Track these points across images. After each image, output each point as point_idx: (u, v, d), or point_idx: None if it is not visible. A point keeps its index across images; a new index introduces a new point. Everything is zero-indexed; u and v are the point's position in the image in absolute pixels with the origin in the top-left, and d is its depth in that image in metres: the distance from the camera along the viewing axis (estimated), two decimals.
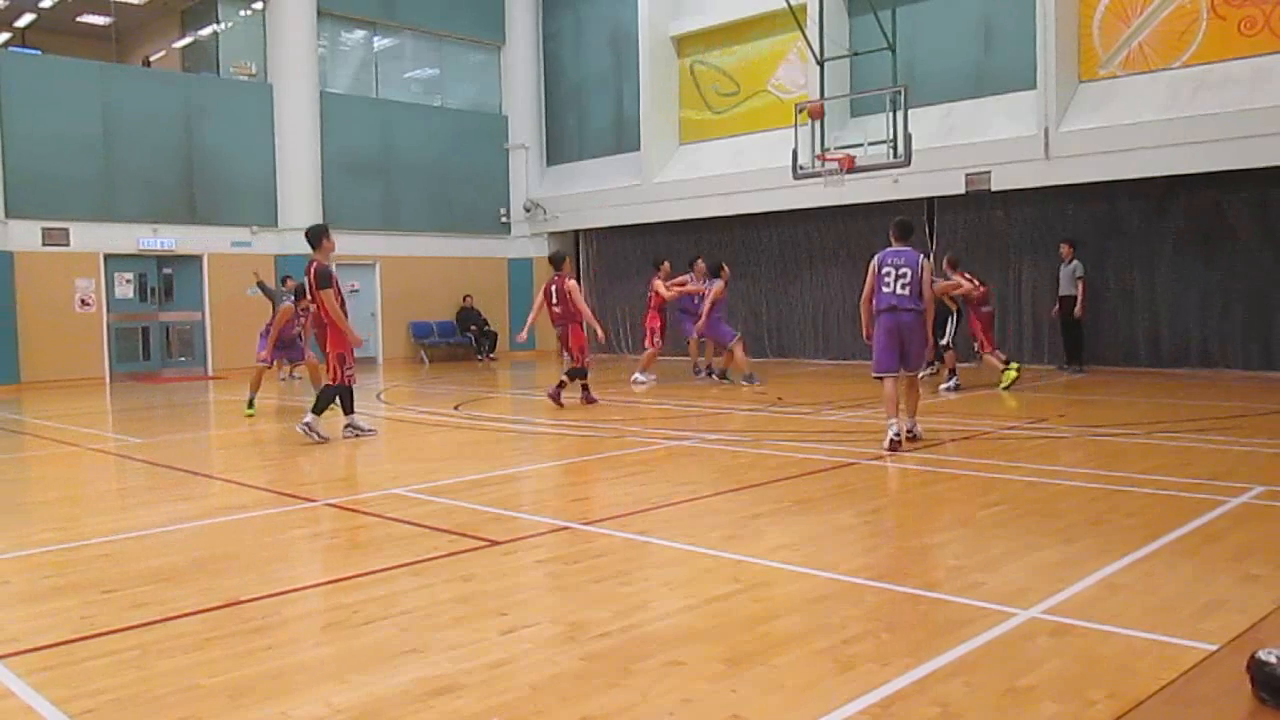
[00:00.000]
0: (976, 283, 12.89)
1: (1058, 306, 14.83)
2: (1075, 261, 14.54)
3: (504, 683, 3.33)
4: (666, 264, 15.28)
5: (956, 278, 12.75)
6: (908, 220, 8.66)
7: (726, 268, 14.49)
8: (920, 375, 8.84)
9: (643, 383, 14.43)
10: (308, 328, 11.31)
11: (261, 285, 16.60)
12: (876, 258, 8.33)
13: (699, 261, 14.95)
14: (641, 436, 9.33)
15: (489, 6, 23.18)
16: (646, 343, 14.93)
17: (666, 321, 15.07)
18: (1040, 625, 3.78)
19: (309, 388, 12.39)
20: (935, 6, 16.80)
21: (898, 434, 8.03)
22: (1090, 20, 15.04)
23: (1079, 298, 14.41)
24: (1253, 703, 2.97)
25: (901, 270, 8.14)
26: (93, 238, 17.58)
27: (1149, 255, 14.96)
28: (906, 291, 8.11)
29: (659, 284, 14.83)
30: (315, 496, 6.75)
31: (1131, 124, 14.10)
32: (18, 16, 21.25)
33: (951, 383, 12.68)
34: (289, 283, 13.32)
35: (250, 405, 11.79)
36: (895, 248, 8.31)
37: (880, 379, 8.28)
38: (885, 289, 8.17)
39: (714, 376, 14.85)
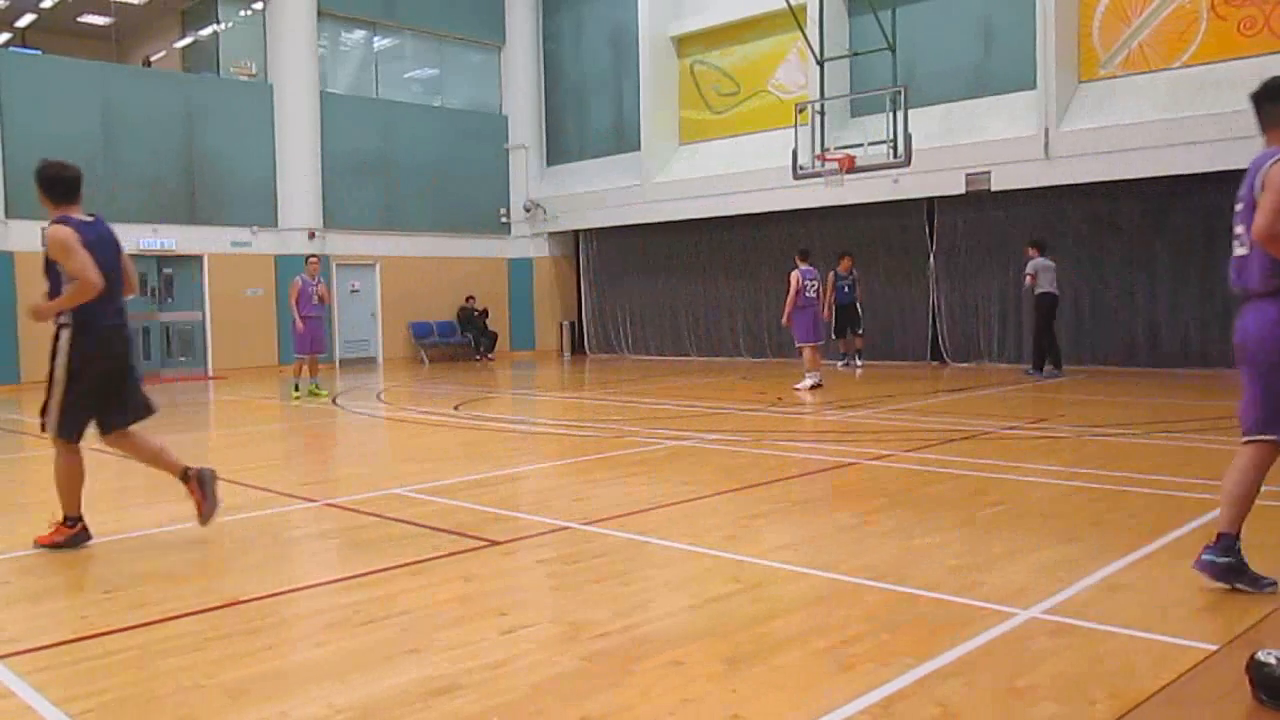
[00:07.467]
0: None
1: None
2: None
3: (504, 683, 3.33)
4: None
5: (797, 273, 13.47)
6: (806, 248, 14.16)
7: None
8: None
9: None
10: None
11: None
12: (800, 273, 13.19)
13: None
14: (641, 436, 9.33)
15: (489, 6, 23.17)
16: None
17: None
18: (1040, 625, 3.77)
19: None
20: (935, 6, 16.80)
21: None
22: (1090, 20, 15.03)
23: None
24: (1252, 703, 2.98)
25: (814, 279, 13.41)
26: None
27: (1149, 255, 14.95)
28: (815, 295, 13.43)
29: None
30: (315, 496, 6.75)
31: (1131, 124, 14.09)
32: (18, 16, 21.26)
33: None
34: None
35: None
36: (805, 268, 13.30)
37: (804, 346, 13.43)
38: (809, 294, 13.27)
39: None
